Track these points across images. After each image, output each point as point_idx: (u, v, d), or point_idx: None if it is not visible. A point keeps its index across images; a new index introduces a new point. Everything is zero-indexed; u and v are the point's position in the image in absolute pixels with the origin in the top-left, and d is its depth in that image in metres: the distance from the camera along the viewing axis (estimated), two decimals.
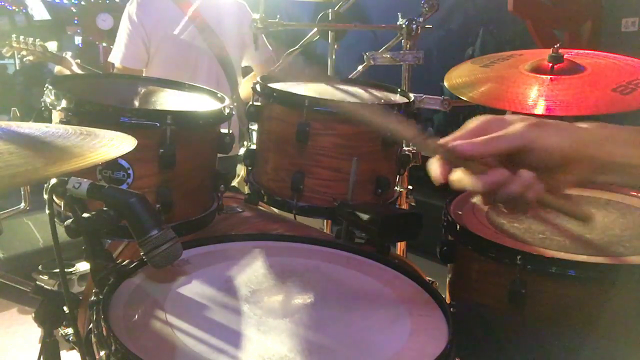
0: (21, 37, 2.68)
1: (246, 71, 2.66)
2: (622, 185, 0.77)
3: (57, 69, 2.69)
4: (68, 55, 2.69)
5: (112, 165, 1.16)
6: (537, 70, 1.49)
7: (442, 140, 0.75)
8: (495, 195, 0.73)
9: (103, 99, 1.36)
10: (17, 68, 4.68)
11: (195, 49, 2.34)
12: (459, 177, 0.74)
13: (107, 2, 5.09)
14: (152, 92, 1.50)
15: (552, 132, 0.73)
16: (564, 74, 1.46)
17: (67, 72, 2.63)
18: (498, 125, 0.74)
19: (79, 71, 2.63)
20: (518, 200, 0.73)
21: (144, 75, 2.33)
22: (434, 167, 0.76)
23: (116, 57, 2.35)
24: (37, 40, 2.70)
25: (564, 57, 1.49)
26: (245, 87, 2.54)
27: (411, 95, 1.54)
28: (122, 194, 0.90)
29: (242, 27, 2.44)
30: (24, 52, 2.69)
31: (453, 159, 0.74)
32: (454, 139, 0.74)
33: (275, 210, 1.59)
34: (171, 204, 1.21)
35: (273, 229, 1.40)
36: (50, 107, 1.20)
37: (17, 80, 4.74)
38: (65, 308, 1.05)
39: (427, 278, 1.24)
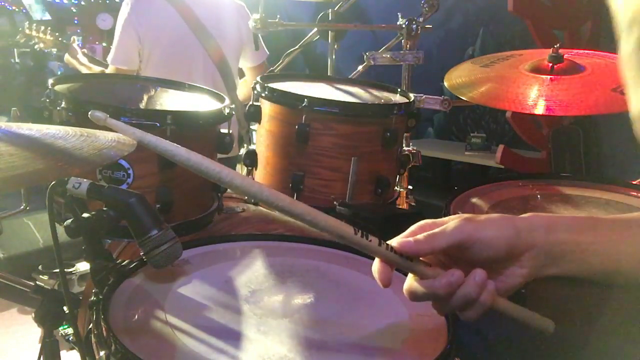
0: (34, 25, 2.78)
1: (242, 73, 2.66)
2: (582, 277, 0.77)
3: (66, 58, 2.75)
4: (75, 41, 2.74)
5: (112, 165, 1.16)
6: (537, 70, 1.49)
7: (382, 242, 0.74)
8: (451, 300, 0.72)
9: (103, 99, 1.36)
10: (19, 68, 4.69)
11: (190, 53, 2.32)
12: (411, 284, 0.74)
13: (107, 2, 5.09)
14: (152, 92, 1.50)
15: (487, 225, 0.72)
16: (564, 74, 1.46)
17: (74, 60, 2.69)
18: (434, 226, 0.74)
19: (84, 59, 2.68)
20: (474, 304, 0.72)
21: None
22: (377, 270, 0.75)
23: (109, 57, 2.36)
24: (48, 28, 2.79)
25: (564, 57, 1.49)
26: (240, 90, 2.54)
27: (411, 95, 1.55)
28: (122, 194, 0.90)
29: (240, 29, 2.44)
30: (35, 40, 2.76)
31: (396, 261, 0.73)
32: (398, 240, 0.74)
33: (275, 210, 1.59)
34: (171, 204, 1.21)
35: (273, 229, 1.40)
36: (50, 107, 1.20)
37: (17, 80, 4.74)
38: (65, 308, 1.05)
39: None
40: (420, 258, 0.74)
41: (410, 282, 0.75)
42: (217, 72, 2.38)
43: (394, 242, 0.74)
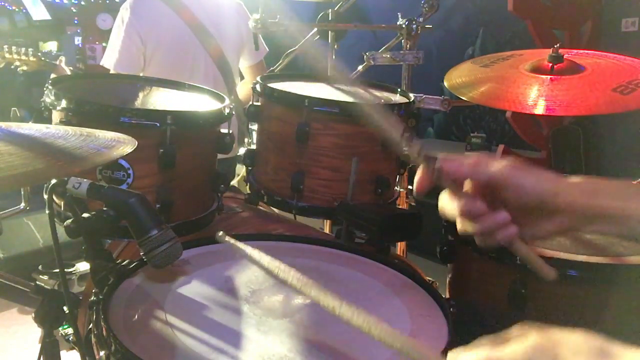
0: (13, 48, 2.59)
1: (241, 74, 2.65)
2: (615, 234, 0.80)
3: (52, 76, 2.65)
4: (62, 61, 2.64)
5: (112, 165, 1.16)
6: (537, 70, 1.49)
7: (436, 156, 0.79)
8: (471, 223, 0.77)
9: (103, 99, 1.36)
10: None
11: (192, 53, 2.32)
12: (441, 200, 0.79)
13: (107, 2, 5.09)
14: (152, 92, 1.50)
15: (529, 175, 0.76)
16: (564, 74, 1.46)
17: None
18: (487, 160, 0.78)
19: None
20: (488, 236, 0.77)
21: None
22: (418, 176, 0.80)
23: (110, 62, 2.32)
24: (29, 49, 2.62)
25: (564, 57, 1.49)
26: (241, 90, 2.54)
27: (411, 95, 1.54)
28: (122, 194, 0.90)
29: (240, 28, 2.43)
30: (17, 63, 2.63)
31: (436, 174, 0.78)
32: (445, 158, 0.79)
33: (275, 210, 1.59)
34: (171, 204, 1.21)
35: (273, 229, 1.40)
36: (50, 107, 1.20)
37: (17, 81, 4.74)
38: (65, 308, 1.05)
39: (427, 278, 1.24)
40: None
41: (444, 193, 0.79)
42: (218, 72, 2.38)
43: (443, 155, 0.79)
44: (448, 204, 0.78)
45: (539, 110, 1.38)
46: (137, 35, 2.26)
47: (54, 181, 0.90)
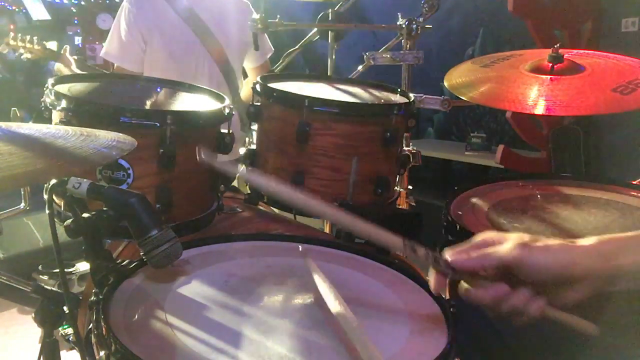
0: (19, 35, 2.64)
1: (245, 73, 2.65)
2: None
3: (57, 66, 2.63)
4: (67, 50, 2.64)
5: (112, 165, 1.16)
6: (537, 70, 1.49)
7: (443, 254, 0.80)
8: (499, 309, 0.77)
9: (103, 99, 1.36)
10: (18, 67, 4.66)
11: (195, 53, 2.31)
12: (462, 290, 0.79)
13: (107, 2, 5.09)
14: (152, 92, 1.50)
15: (539, 253, 0.75)
16: (564, 74, 1.46)
17: (66, 70, 2.58)
18: (494, 241, 0.78)
19: (77, 70, 2.58)
20: (521, 314, 0.77)
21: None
22: (432, 279, 0.81)
23: (114, 55, 2.31)
24: (34, 38, 2.65)
25: (564, 57, 1.49)
26: (244, 90, 2.53)
27: (411, 95, 1.54)
28: (122, 194, 0.90)
29: (243, 28, 2.42)
30: (21, 50, 2.65)
31: (450, 274, 0.79)
32: (453, 254, 0.79)
33: (275, 210, 1.59)
34: (171, 204, 1.21)
35: (273, 229, 1.40)
36: (50, 107, 1.20)
37: (17, 81, 4.74)
38: (65, 308, 1.05)
39: (427, 278, 1.24)
40: None
41: (462, 288, 0.79)
42: (221, 74, 2.36)
43: (449, 253, 0.79)
44: (472, 294, 0.78)
45: (539, 110, 1.38)
46: (139, 33, 2.26)
47: (54, 181, 0.90)
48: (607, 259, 0.75)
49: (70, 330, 1.24)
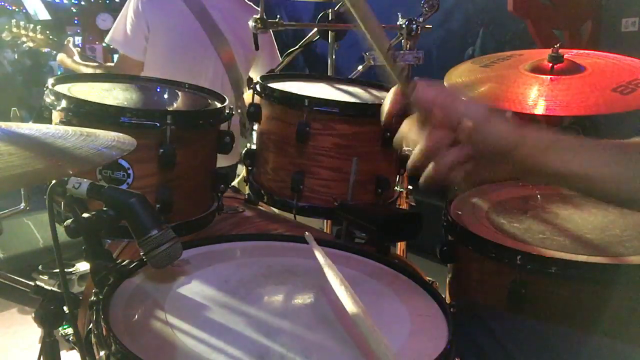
0: (21, 23, 2.61)
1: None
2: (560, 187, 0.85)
3: (59, 56, 2.60)
4: (70, 42, 2.62)
5: (112, 165, 1.16)
6: (537, 70, 1.49)
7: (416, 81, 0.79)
8: (435, 156, 0.77)
9: (103, 98, 1.36)
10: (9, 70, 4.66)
11: (201, 48, 2.30)
12: (406, 126, 0.80)
13: (107, 2, 5.08)
14: (151, 91, 1.50)
15: (499, 124, 0.78)
16: (564, 74, 1.46)
17: (69, 60, 2.56)
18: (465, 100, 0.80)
19: (79, 60, 2.56)
20: (441, 173, 0.78)
21: (146, 74, 2.32)
22: (389, 97, 0.80)
23: (118, 41, 2.30)
24: (37, 27, 2.63)
25: (564, 57, 1.49)
26: (248, 97, 2.51)
27: None
28: (122, 194, 0.90)
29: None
30: (23, 38, 2.63)
31: (412, 98, 0.78)
32: (424, 84, 0.79)
33: (275, 210, 1.59)
34: (171, 204, 1.21)
35: (273, 229, 1.40)
36: (50, 107, 1.20)
37: (17, 81, 4.74)
38: (65, 308, 1.05)
39: (427, 278, 1.24)
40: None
41: (407, 121, 0.81)
42: (226, 75, 2.35)
43: (419, 83, 0.78)
44: (411, 131, 0.78)
45: (539, 110, 1.38)
46: (145, 24, 2.25)
47: (54, 181, 0.90)
48: (541, 152, 0.78)
49: (70, 330, 1.24)
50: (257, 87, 1.45)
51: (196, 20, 2.27)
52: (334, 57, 2.28)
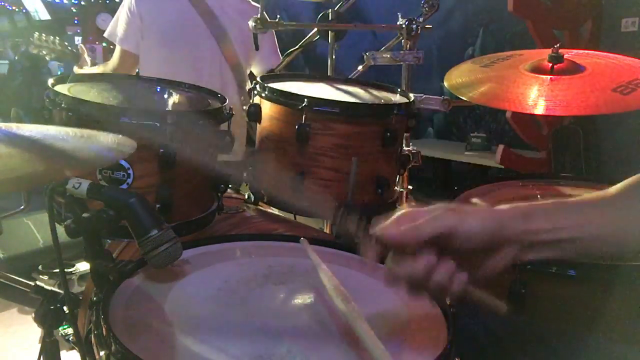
0: (43, 35, 2.68)
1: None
2: (559, 257, 0.82)
3: (76, 69, 2.66)
4: (85, 52, 2.67)
5: (112, 165, 1.16)
6: (537, 70, 1.49)
7: (373, 229, 0.78)
8: (427, 281, 0.75)
9: (103, 99, 1.36)
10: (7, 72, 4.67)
11: (199, 36, 2.30)
12: (390, 263, 0.78)
13: (107, 2, 5.09)
14: (152, 92, 1.50)
15: (470, 218, 0.75)
16: (564, 74, 1.46)
17: (82, 71, 2.61)
18: (421, 215, 0.76)
19: (90, 69, 2.61)
20: (441, 292, 0.76)
21: (145, 73, 2.32)
22: (368, 252, 0.79)
23: (115, 35, 2.34)
24: (56, 38, 2.69)
25: (564, 57, 1.49)
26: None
27: (411, 95, 1.54)
28: (122, 194, 0.90)
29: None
30: (44, 51, 2.69)
31: (381, 248, 0.77)
32: (382, 228, 0.77)
33: (276, 210, 1.59)
34: (171, 204, 1.21)
35: (273, 229, 1.40)
36: (50, 108, 1.20)
37: (17, 81, 4.74)
38: (65, 308, 1.05)
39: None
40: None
41: (389, 265, 0.78)
42: (226, 71, 2.36)
43: (379, 229, 0.76)
44: (394, 265, 0.77)
45: (539, 110, 1.38)
46: (140, 19, 2.27)
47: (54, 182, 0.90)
48: (529, 221, 0.75)
49: (70, 330, 1.24)
50: (257, 87, 1.45)
51: (192, 7, 2.28)
52: (334, 57, 2.28)
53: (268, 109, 1.44)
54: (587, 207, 0.81)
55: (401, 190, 1.68)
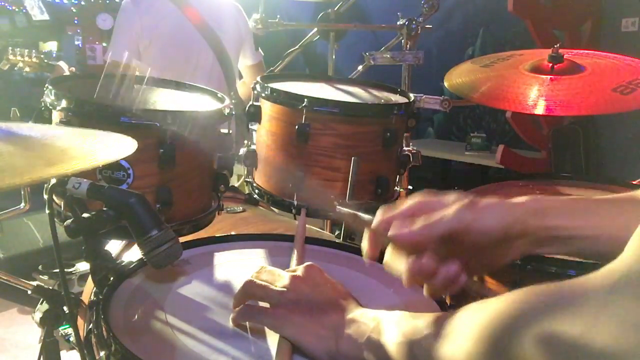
0: (17, 49, 2.67)
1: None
2: (566, 255, 0.80)
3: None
4: (62, 64, 2.68)
5: (112, 165, 1.16)
6: (537, 70, 1.49)
7: (380, 216, 0.78)
8: (434, 279, 0.75)
9: (103, 99, 1.36)
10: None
11: (197, 51, 2.33)
12: (389, 258, 0.78)
13: (107, 2, 5.09)
14: (152, 92, 1.50)
15: (486, 214, 0.73)
16: (564, 74, 1.46)
17: None
18: (433, 206, 0.75)
19: None
20: (439, 290, 0.77)
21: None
22: (366, 243, 0.79)
23: (109, 52, 2.40)
24: (32, 50, 2.68)
25: (564, 57, 1.49)
26: (240, 90, 2.55)
27: (411, 95, 1.54)
28: (122, 194, 0.90)
29: (239, 27, 2.46)
30: (20, 65, 2.68)
31: (385, 241, 0.77)
32: (390, 218, 0.76)
33: (275, 210, 1.59)
34: (171, 204, 1.21)
35: (273, 229, 1.40)
36: (50, 107, 1.20)
37: (17, 80, 4.74)
38: (65, 308, 1.05)
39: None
40: None
41: (389, 254, 0.79)
42: (221, 70, 2.38)
43: (392, 229, 0.75)
44: (395, 261, 0.76)
45: (539, 110, 1.38)
46: (136, 24, 2.29)
47: (53, 181, 0.90)
48: (541, 217, 0.74)
49: (70, 330, 1.24)
50: (257, 87, 1.45)
51: (186, 17, 2.31)
52: (334, 57, 2.28)
53: (268, 108, 1.44)
54: (607, 206, 0.79)
55: (401, 190, 1.68)
